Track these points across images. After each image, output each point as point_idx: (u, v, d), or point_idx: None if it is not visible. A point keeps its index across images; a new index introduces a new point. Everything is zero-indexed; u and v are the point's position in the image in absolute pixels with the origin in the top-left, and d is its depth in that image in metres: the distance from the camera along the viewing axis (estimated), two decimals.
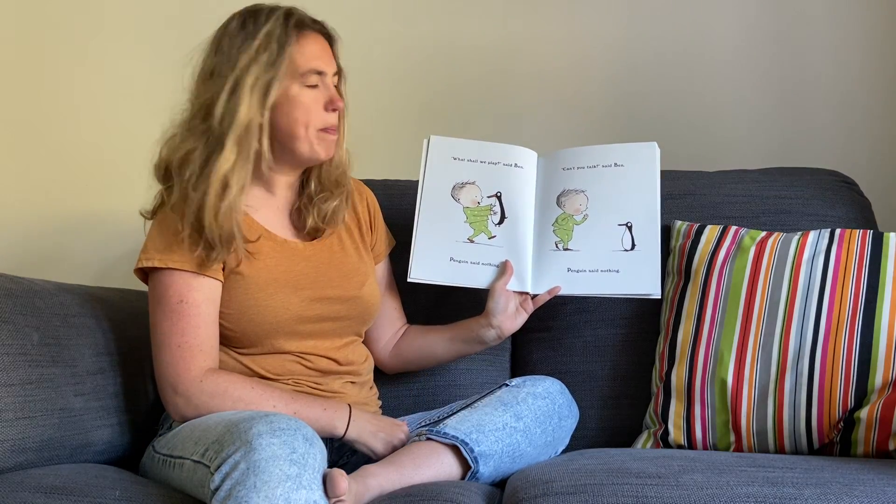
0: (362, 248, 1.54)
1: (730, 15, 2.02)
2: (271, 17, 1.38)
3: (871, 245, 1.47)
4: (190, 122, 1.37)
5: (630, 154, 1.57)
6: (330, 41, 1.45)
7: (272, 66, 1.36)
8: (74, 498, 1.17)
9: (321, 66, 1.41)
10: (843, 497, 1.06)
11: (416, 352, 1.59)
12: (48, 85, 2.11)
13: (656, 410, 1.52)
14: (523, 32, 2.06)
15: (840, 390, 1.38)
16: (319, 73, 1.41)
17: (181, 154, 1.35)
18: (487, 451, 1.29)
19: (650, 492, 1.09)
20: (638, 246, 1.51)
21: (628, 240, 1.52)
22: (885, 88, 1.98)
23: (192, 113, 1.38)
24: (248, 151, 1.35)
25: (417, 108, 2.07)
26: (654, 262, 1.50)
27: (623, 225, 1.53)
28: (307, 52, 1.39)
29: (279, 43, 1.36)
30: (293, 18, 1.40)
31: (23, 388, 1.28)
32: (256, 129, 1.35)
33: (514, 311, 1.51)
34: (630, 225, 1.53)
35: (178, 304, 1.34)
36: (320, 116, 1.41)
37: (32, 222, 2.10)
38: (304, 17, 1.42)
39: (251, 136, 1.35)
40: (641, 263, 1.50)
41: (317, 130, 1.41)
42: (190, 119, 1.38)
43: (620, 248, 1.52)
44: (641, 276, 1.50)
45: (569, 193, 1.56)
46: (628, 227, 1.53)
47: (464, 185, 1.56)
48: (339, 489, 1.11)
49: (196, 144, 1.35)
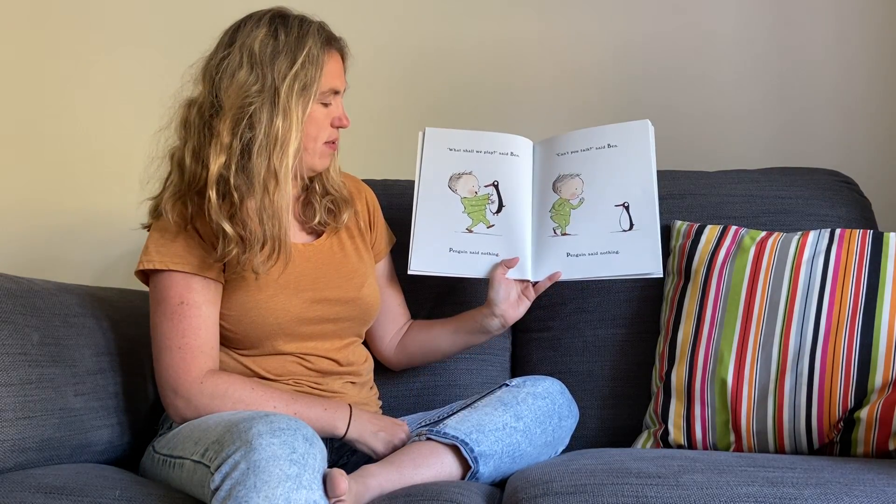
0: (362, 247, 1.54)
1: (730, 14, 2.02)
2: (308, 32, 1.38)
3: (871, 245, 1.47)
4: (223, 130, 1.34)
5: (623, 133, 1.55)
6: (344, 58, 1.46)
7: (311, 85, 1.36)
8: (74, 498, 1.17)
9: (339, 85, 1.43)
10: (843, 497, 1.06)
11: (420, 346, 1.60)
12: (48, 85, 2.12)
13: (656, 410, 1.52)
14: (523, 33, 2.06)
15: (840, 390, 1.38)
16: (336, 92, 1.42)
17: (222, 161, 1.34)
18: (487, 451, 1.29)
19: (650, 492, 1.09)
20: (636, 225, 1.50)
21: (626, 220, 1.51)
22: (885, 88, 1.98)
23: (227, 121, 1.34)
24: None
25: (417, 107, 2.07)
26: (654, 241, 1.49)
27: (620, 205, 1.52)
28: (330, 70, 1.40)
29: (317, 64, 1.37)
30: (324, 35, 1.40)
31: (23, 388, 1.28)
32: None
33: (515, 300, 1.51)
34: (627, 205, 1.52)
35: (179, 306, 1.34)
36: (328, 132, 1.43)
37: (32, 222, 2.10)
38: (332, 33, 1.43)
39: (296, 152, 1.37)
40: (641, 242, 1.49)
41: (322, 144, 1.43)
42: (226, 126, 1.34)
43: (619, 228, 1.51)
44: (641, 255, 1.49)
45: (564, 178, 1.56)
46: (625, 207, 1.52)
47: (460, 176, 1.56)
48: (339, 489, 1.11)
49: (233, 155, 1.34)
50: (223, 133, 1.33)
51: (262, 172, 1.33)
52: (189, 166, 1.36)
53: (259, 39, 1.36)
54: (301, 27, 1.38)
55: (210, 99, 1.37)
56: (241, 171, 1.33)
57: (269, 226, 1.34)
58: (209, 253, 1.36)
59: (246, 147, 1.34)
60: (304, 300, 1.41)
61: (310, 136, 1.40)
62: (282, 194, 1.34)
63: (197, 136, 1.36)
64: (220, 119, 1.34)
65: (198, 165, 1.36)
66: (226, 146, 1.33)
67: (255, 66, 1.35)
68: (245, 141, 1.33)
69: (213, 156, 1.33)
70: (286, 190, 1.35)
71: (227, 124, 1.33)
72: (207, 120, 1.36)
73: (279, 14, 1.40)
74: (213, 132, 1.35)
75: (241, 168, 1.34)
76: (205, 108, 1.37)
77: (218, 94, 1.35)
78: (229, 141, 1.33)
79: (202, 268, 1.35)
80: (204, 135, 1.36)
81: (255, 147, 1.33)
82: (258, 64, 1.35)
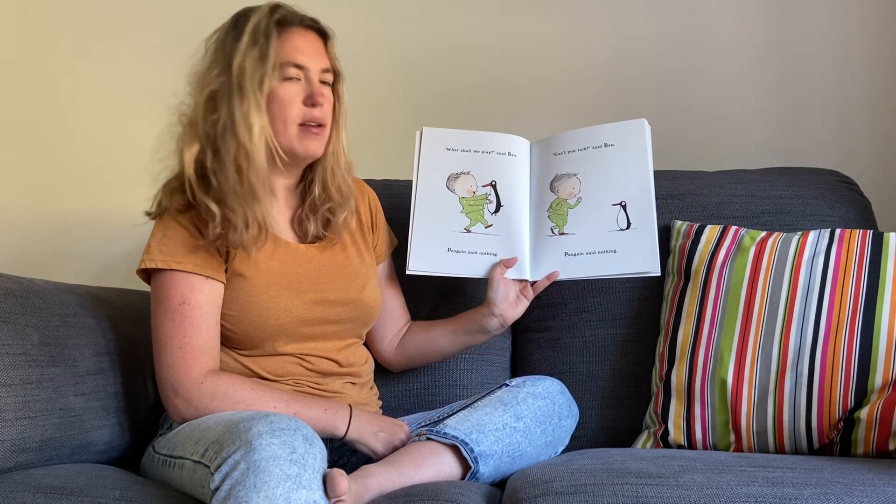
0: (364, 249, 1.54)
1: (730, 14, 2.02)
2: (261, 12, 1.40)
3: (871, 245, 1.47)
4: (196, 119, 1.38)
5: (619, 133, 1.56)
6: (324, 38, 1.45)
7: (264, 59, 1.37)
8: (74, 498, 1.17)
9: (302, 59, 1.40)
10: (843, 497, 1.06)
11: (419, 347, 1.60)
12: (48, 85, 2.12)
13: (656, 410, 1.52)
14: (522, 32, 2.06)
15: (840, 390, 1.38)
16: (299, 66, 1.40)
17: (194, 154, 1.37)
18: (487, 451, 1.30)
19: (650, 492, 1.09)
20: (633, 224, 1.51)
21: (623, 219, 1.52)
22: (885, 88, 1.98)
23: (199, 110, 1.38)
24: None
25: (417, 107, 2.07)
26: (651, 239, 1.49)
27: (617, 204, 1.52)
28: (288, 45, 1.39)
29: (269, 38, 1.37)
30: (277, 13, 1.40)
31: (23, 388, 1.28)
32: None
33: (514, 299, 1.52)
34: (624, 204, 1.52)
35: (181, 306, 1.34)
36: (299, 111, 1.40)
37: (32, 222, 2.10)
38: (291, 12, 1.42)
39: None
40: (638, 241, 1.50)
41: (296, 126, 1.40)
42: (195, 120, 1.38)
43: (616, 227, 1.51)
44: (639, 254, 1.49)
45: (561, 178, 1.56)
46: (622, 206, 1.52)
47: (458, 176, 1.56)
48: (339, 489, 1.11)
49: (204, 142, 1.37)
50: (197, 122, 1.37)
51: (231, 151, 1.35)
52: (176, 164, 1.40)
53: (221, 33, 1.40)
54: (258, 12, 1.40)
55: (190, 100, 1.40)
56: (215, 155, 1.36)
57: (248, 204, 1.35)
58: (211, 254, 1.36)
59: (213, 130, 1.36)
60: (306, 301, 1.41)
61: (276, 116, 1.38)
62: (255, 172, 1.35)
63: (181, 134, 1.39)
64: (193, 111, 1.38)
65: (178, 162, 1.39)
66: (199, 134, 1.37)
67: (216, 54, 1.39)
68: (212, 124, 1.36)
69: (187, 144, 1.37)
70: (260, 168, 1.36)
71: (199, 112, 1.37)
72: (188, 116, 1.39)
73: (244, 10, 1.42)
74: (190, 124, 1.38)
75: (214, 152, 1.36)
76: (188, 110, 1.40)
77: (193, 93, 1.40)
78: (201, 128, 1.37)
79: (204, 268, 1.35)
80: (185, 130, 1.39)
81: (220, 128, 1.35)
82: (218, 52, 1.39)
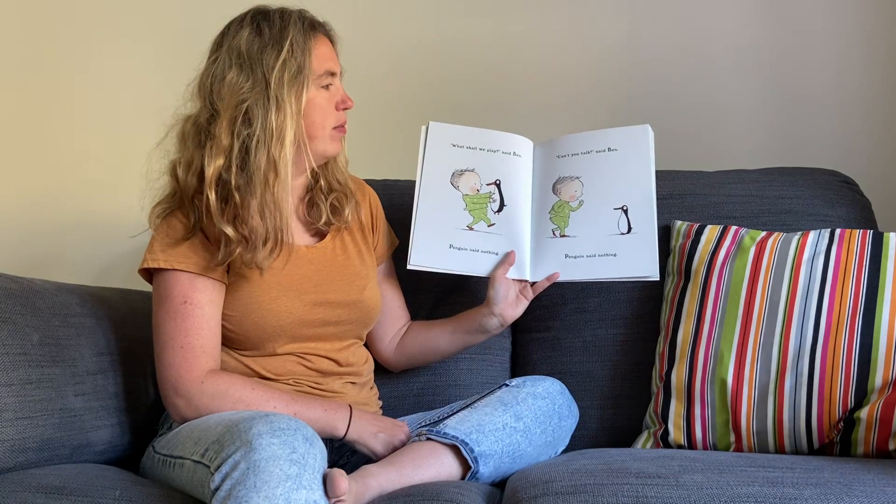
0: (364, 249, 1.54)
1: (730, 14, 2.02)
2: (290, 21, 1.39)
3: (871, 245, 1.47)
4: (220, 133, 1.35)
5: (623, 138, 1.56)
6: (333, 41, 1.47)
7: (302, 72, 1.37)
8: (74, 498, 1.17)
9: (333, 67, 1.44)
10: (843, 497, 1.06)
11: (419, 347, 1.60)
12: (48, 86, 2.12)
13: (656, 410, 1.52)
14: (523, 32, 2.06)
15: (840, 390, 1.38)
16: (332, 73, 1.43)
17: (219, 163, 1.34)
18: (487, 452, 1.30)
19: (650, 492, 1.09)
20: (634, 229, 1.51)
21: (624, 223, 1.52)
22: (885, 89, 1.98)
23: (224, 123, 1.35)
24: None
25: (417, 107, 2.07)
26: (652, 244, 1.50)
27: (619, 209, 1.53)
28: (320, 54, 1.41)
29: (304, 49, 1.38)
30: (307, 21, 1.41)
31: (23, 388, 1.28)
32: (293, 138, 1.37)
33: (514, 299, 1.52)
34: (625, 208, 1.52)
35: (182, 305, 1.34)
36: (334, 116, 1.44)
37: (32, 222, 2.10)
38: (314, 19, 1.44)
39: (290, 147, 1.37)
40: (638, 246, 1.50)
41: (331, 129, 1.43)
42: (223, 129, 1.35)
43: (617, 231, 1.52)
44: (639, 259, 1.49)
45: (564, 180, 1.56)
46: (624, 211, 1.52)
47: (463, 173, 1.56)
48: (340, 489, 1.11)
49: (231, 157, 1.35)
50: (221, 136, 1.35)
51: (262, 167, 1.34)
52: (182, 177, 1.37)
53: (244, 38, 1.38)
54: (283, 18, 1.40)
55: (207, 108, 1.38)
56: (240, 171, 1.35)
57: (272, 220, 1.35)
58: (213, 255, 1.36)
59: (244, 145, 1.35)
60: (307, 302, 1.41)
61: (316, 123, 1.41)
62: (282, 185, 1.36)
63: (193, 146, 1.37)
64: (216, 123, 1.36)
65: (192, 176, 1.36)
66: (224, 148, 1.34)
67: (243, 64, 1.37)
68: (243, 139, 1.35)
69: (209, 158, 1.34)
70: (286, 181, 1.37)
71: (225, 126, 1.35)
72: (205, 127, 1.37)
73: (259, 11, 1.42)
74: (211, 137, 1.35)
75: (240, 167, 1.35)
76: (202, 119, 1.38)
77: (213, 102, 1.37)
78: (228, 142, 1.35)
79: (207, 268, 1.36)
80: (200, 142, 1.37)
81: (254, 142, 1.34)
82: (246, 61, 1.37)
